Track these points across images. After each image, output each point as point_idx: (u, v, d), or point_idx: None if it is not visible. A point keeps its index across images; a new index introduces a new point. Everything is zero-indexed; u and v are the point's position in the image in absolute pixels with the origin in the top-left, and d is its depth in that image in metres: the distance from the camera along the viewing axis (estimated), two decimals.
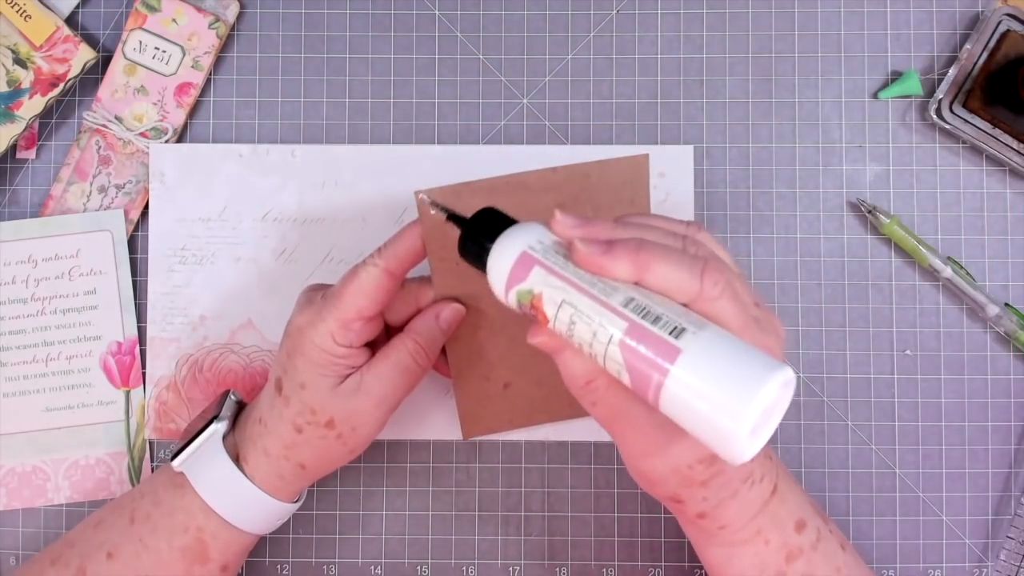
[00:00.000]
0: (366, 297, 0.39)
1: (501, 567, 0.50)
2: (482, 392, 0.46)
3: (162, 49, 0.51)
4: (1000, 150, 0.50)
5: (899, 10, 0.52)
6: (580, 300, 0.32)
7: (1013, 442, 0.51)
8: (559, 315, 0.33)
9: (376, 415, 0.41)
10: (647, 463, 0.35)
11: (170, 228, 0.51)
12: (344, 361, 0.40)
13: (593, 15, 0.52)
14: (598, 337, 0.31)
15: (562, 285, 0.33)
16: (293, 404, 0.41)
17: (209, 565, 0.42)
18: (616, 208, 0.42)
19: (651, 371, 0.30)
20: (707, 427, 0.29)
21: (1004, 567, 0.50)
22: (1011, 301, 0.51)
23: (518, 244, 0.34)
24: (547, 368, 0.45)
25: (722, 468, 0.34)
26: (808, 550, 0.39)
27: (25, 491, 0.50)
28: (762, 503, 0.37)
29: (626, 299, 0.32)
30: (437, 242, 0.41)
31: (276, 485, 0.42)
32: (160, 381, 0.51)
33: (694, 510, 0.36)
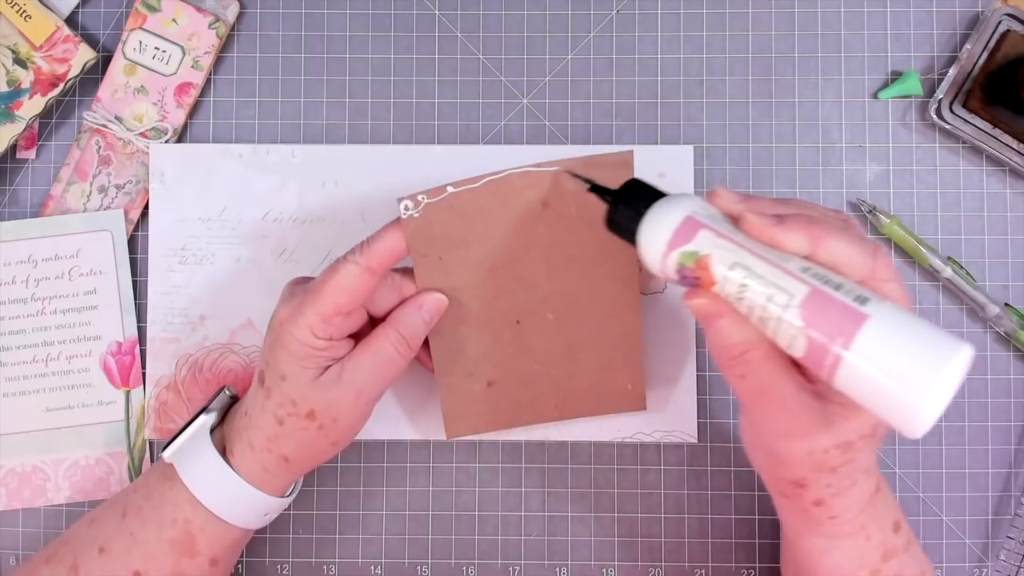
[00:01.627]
0: (345, 294, 0.39)
1: (501, 567, 0.50)
2: (466, 389, 0.46)
3: (162, 49, 0.51)
4: (1000, 150, 0.50)
5: (899, 10, 0.52)
6: (755, 263, 0.32)
7: (1013, 442, 0.51)
8: (729, 276, 0.32)
9: (356, 405, 0.41)
10: (785, 444, 0.34)
11: (170, 228, 0.51)
12: (324, 353, 0.40)
13: (593, 15, 0.52)
14: (774, 300, 0.31)
15: (734, 248, 0.32)
16: (274, 396, 0.41)
17: (198, 558, 0.42)
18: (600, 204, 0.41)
19: (834, 337, 0.29)
20: (890, 398, 0.29)
21: (1004, 567, 0.50)
22: (1011, 301, 0.51)
23: (681, 209, 0.34)
24: (532, 367, 0.45)
25: (854, 456, 0.34)
26: (901, 551, 0.39)
27: (25, 491, 0.50)
28: (869, 498, 0.38)
29: (803, 267, 0.31)
30: (421, 240, 0.41)
31: (261, 478, 0.42)
32: (160, 381, 0.51)
33: (813, 496, 0.36)
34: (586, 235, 0.42)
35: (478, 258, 0.42)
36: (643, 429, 0.50)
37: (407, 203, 0.40)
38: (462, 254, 0.42)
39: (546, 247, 0.43)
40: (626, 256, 0.43)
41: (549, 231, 0.42)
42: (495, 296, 0.44)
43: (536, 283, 0.44)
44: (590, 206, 0.41)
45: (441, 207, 0.41)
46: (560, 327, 0.45)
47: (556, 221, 0.42)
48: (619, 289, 0.44)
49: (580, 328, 0.45)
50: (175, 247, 0.51)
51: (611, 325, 0.45)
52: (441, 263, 0.42)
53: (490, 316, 0.44)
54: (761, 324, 0.32)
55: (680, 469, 0.51)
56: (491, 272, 0.43)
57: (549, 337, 0.45)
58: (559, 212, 0.42)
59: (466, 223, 0.41)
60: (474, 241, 0.42)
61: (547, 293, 0.44)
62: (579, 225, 0.42)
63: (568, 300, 0.44)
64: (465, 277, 0.43)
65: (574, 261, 0.43)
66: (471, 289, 0.43)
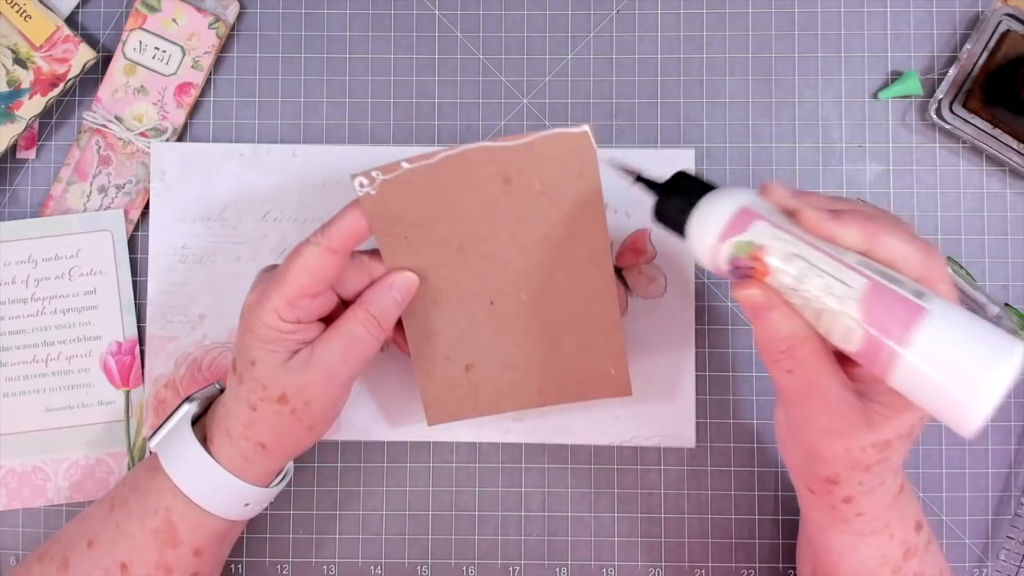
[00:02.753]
0: (308, 275, 0.39)
1: (501, 567, 0.50)
2: (444, 374, 0.45)
3: (162, 49, 0.51)
4: (1000, 150, 0.50)
5: (899, 10, 0.52)
6: (813, 255, 0.32)
7: (1013, 442, 0.51)
8: (786, 268, 0.32)
9: (328, 387, 0.41)
10: (824, 441, 0.35)
11: (170, 227, 0.51)
12: (293, 336, 0.40)
13: (593, 15, 0.52)
14: (832, 291, 0.31)
15: (791, 239, 0.32)
16: (246, 381, 0.41)
17: (180, 548, 0.42)
18: (565, 181, 0.41)
19: (892, 330, 0.30)
20: (946, 394, 0.29)
21: (1004, 567, 0.50)
22: (1011, 301, 0.51)
23: (735, 199, 0.34)
24: (510, 350, 0.45)
25: (889, 455, 0.35)
26: (922, 550, 0.40)
27: (25, 491, 0.50)
28: (893, 497, 0.38)
29: (859, 260, 0.31)
30: (382, 219, 0.41)
31: (241, 466, 0.42)
32: (159, 379, 0.51)
33: (844, 493, 0.36)
34: (552, 213, 0.42)
35: (445, 237, 0.42)
36: (641, 433, 0.50)
37: (361, 179, 0.40)
38: (427, 233, 0.42)
39: (513, 225, 0.42)
40: (597, 235, 0.42)
41: (514, 208, 0.41)
42: (466, 276, 0.43)
43: (507, 261, 0.43)
44: (554, 182, 0.41)
45: (398, 184, 0.40)
46: (535, 308, 0.44)
47: (520, 198, 0.41)
48: (592, 269, 0.43)
49: (556, 309, 0.44)
50: (175, 246, 0.51)
51: (587, 306, 0.44)
52: (407, 243, 0.42)
53: (463, 297, 0.44)
54: (815, 317, 0.32)
55: (680, 469, 0.51)
56: (460, 251, 0.42)
57: (525, 318, 0.44)
58: (522, 189, 0.41)
59: (427, 201, 0.41)
60: (438, 219, 0.41)
61: (519, 272, 0.43)
62: (544, 202, 0.41)
63: (541, 280, 0.43)
64: (433, 257, 0.42)
65: (544, 239, 0.42)
66: (441, 269, 0.43)
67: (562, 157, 0.40)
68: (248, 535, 0.51)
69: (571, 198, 0.41)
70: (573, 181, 0.41)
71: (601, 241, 0.42)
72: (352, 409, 0.50)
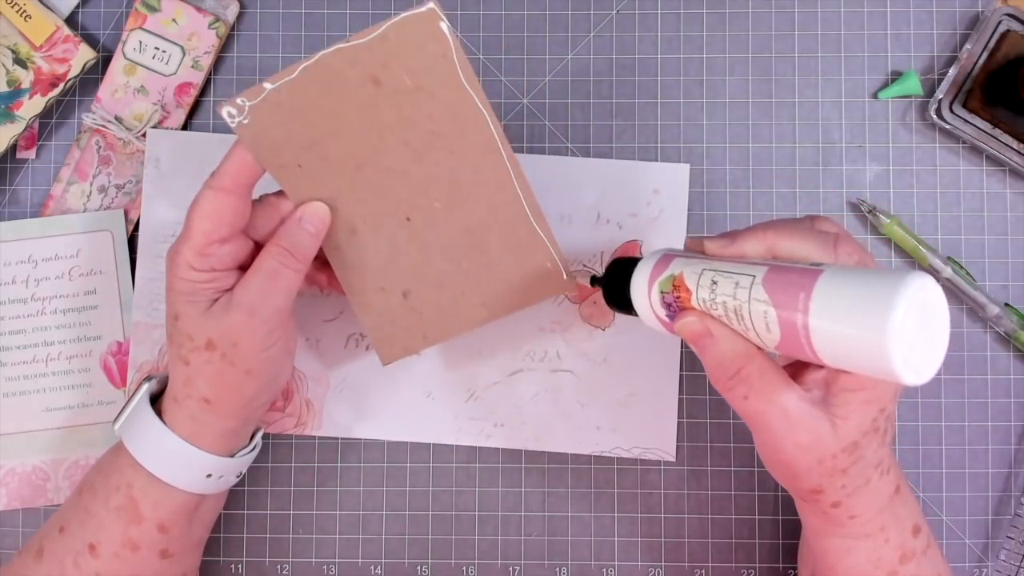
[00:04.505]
0: (207, 219, 0.39)
1: (501, 567, 0.50)
2: (383, 306, 0.44)
3: (162, 49, 0.51)
4: (1000, 150, 0.50)
5: (899, 10, 0.52)
6: (719, 265, 0.34)
7: (1013, 442, 0.51)
8: (701, 282, 0.35)
9: (252, 325, 0.40)
10: (796, 457, 0.35)
11: (162, 214, 0.51)
12: (211, 285, 0.40)
13: (593, 15, 0.52)
14: (740, 285, 0.33)
15: (702, 260, 0.36)
16: (174, 338, 0.41)
17: (144, 524, 0.41)
18: (432, 67, 0.39)
19: (796, 296, 0.30)
20: (862, 347, 0.29)
21: (1004, 567, 0.50)
22: (1011, 301, 0.51)
23: (657, 254, 0.38)
24: (441, 266, 0.43)
25: (862, 454, 0.35)
26: (919, 554, 0.40)
27: (25, 491, 0.50)
28: (888, 497, 0.38)
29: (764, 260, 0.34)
30: (267, 151, 0.40)
31: (192, 429, 0.41)
32: (143, 366, 0.50)
33: (831, 499, 0.37)
34: (432, 106, 0.40)
35: (338, 158, 0.41)
36: (621, 444, 0.50)
37: (229, 109, 0.39)
38: (320, 157, 0.40)
39: (398, 130, 0.40)
40: (478, 120, 0.40)
41: (393, 111, 0.40)
42: (374, 196, 0.42)
43: (407, 171, 0.41)
44: (422, 72, 0.39)
45: (268, 108, 0.39)
46: (451, 214, 0.42)
47: (395, 98, 0.40)
48: (488, 158, 0.41)
49: (471, 211, 0.42)
50: (166, 234, 0.51)
51: (498, 201, 0.42)
52: (303, 172, 0.41)
53: (378, 219, 0.42)
54: (737, 318, 0.33)
55: (680, 469, 0.51)
56: (359, 170, 0.41)
57: (444, 228, 0.43)
58: (394, 88, 0.39)
59: (306, 121, 0.40)
60: (324, 139, 0.40)
61: (423, 179, 0.42)
62: (421, 96, 0.40)
63: (446, 182, 0.42)
64: (334, 182, 0.41)
65: (434, 136, 0.41)
66: (347, 194, 0.42)
67: (420, 43, 0.39)
68: (248, 535, 0.51)
69: (443, 85, 0.40)
70: (439, 66, 0.39)
71: (483, 127, 0.41)
72: (335, 406, 0.50)
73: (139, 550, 0.42)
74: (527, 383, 0.50)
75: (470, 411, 0.50)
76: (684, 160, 0.51)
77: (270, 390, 0.43)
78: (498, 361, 0.50)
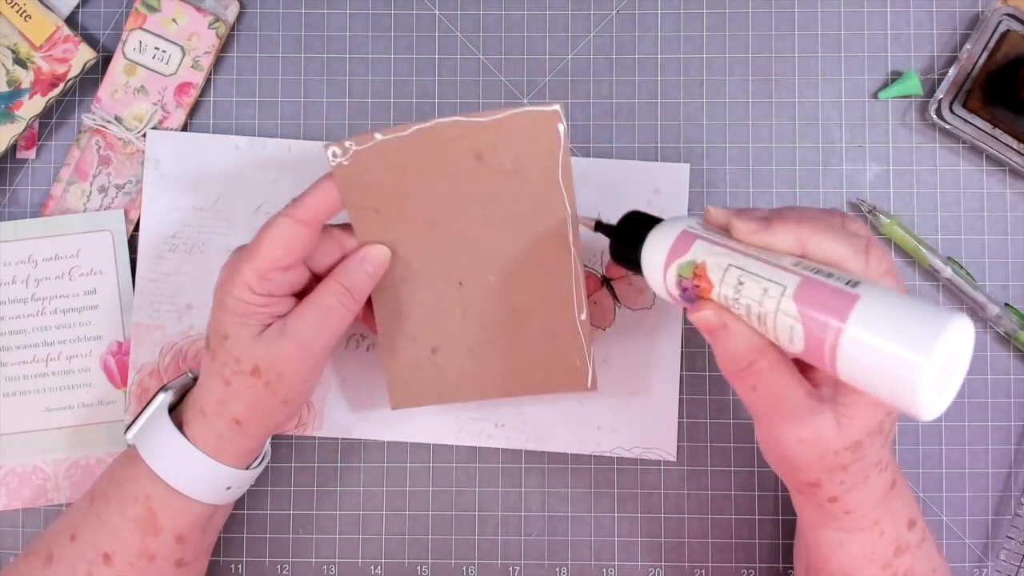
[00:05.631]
0: (280, 248, 0.39)
1: (501, 567, 0.50)
2: (410, 355, 0.45)
3: (162, 49, 0.51)
4: (1000, 150, 0.50)
5: (899, 10, 0.52)
6: (748, 262, 0.33)
7: (1013, 442, 0.51)
8: (725, 279, 0.33)
9: (301, 359, 0.40)
10: (798, 451, 0.35)
11: (162, 215, 0.51)
12: (265, 310, 0.40)
13: (593, 15, 0.52)
14: (769, 293, 0.32)
15: (728, 252, 0.34)
16: (219, 356, 0.41)
17: (162, 535, 0.41)
18: (536, 158, 0.41)
19: (828, 320, 0.30)
20: (887, 378, 0.28)
21: (1004, 567, 0.50)
22: (1011, 301, 0.51)
23: (677, 225, 0.36)
24: (476, 334, 0.44)
25: (864, 453, 0.35)
26: (914, 547, 0.40)
27: (25, 491, 0.50)
28: (884, 492, 0.38)
29: (795, 261, 0.32)
30: (354, 191, 0.41)
31: (216, 446, 0.41)
32: (144, 367, 0.51)
33: (828, 494, 0.37)
34: (522, 191, 0.41)
35: (416, 212, 0.42)
36: (622, 444, 0.50)
37: (335, 149, 0.40)
38: (399, 207, 0.42)
39: (483, 203, 0.42)
40: (559, 217, 0.42)
41: (485, 186, 0.41)
42: (436, 254, 0.43)
43: (476, 240, 0.43)
44: (524, 160, 0.41)
45: (371, 155, 0.40)
46: (502, 291, 0.44)
47: (491, 176, 0.41)
48: (556, 252, 0.43)
49: (522, 293, 0.43)
50: (166, 234, 0.51)
51: (552, 291, 0.43)
52: (378, 216, 0.42)
53: (432, 275, 0.43)
54: (760, 323, 0.33)
55: (680, 469, 0.51)
56: (429, 227, 0.42)
57: (491, 301, 0.44)
58: (494, 167, 0.41)
59: (399, 174, 0.41)
60: (409, 194, 0.41)
61: (487, 252, 0.43)
62: (515, 181, 0.41)
63: (508, 261, 0.43)
64: (404, 232, 0.42)
65: (512, 219, 0.42)
66: (411, 245, 0.43)
67: (533, 135, 0.40)
68: (248, 535, 0.51)
69: (539, 176, 0.41)
70: (543, 160, 0.41)
71: (562, 223, 0.42)
72: (335, 406, 0.50)
73: (155, 560, 0.42)
74: None
75: (471, 411, 0.50)
76: (684, 160, 0.51)
77: (296, 415, 0.44)
78: None
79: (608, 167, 0.51)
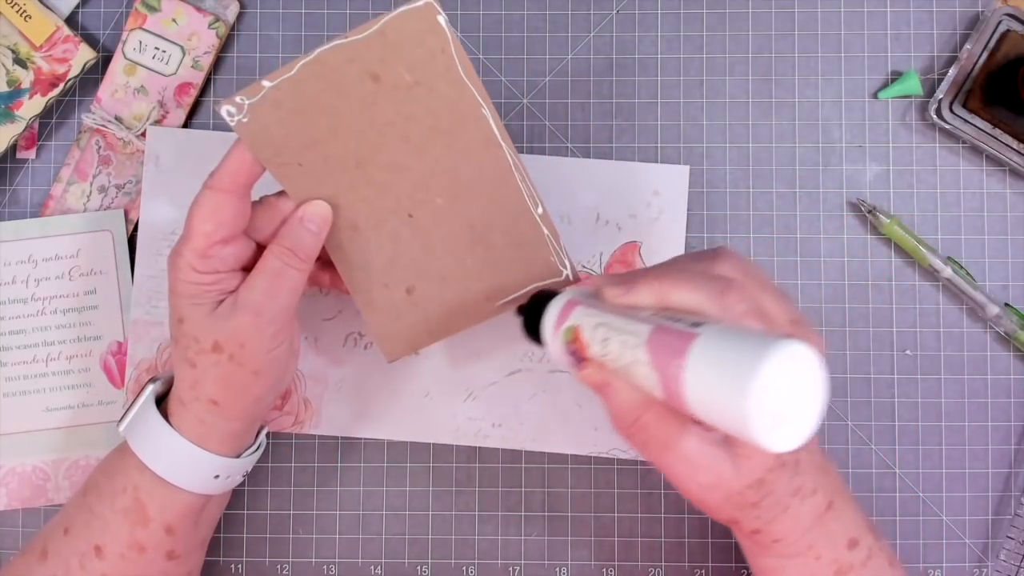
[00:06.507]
0: (209, 222, 0.39)
1: (501, 567, 0.50)
2: (387, 303, 0.44)
3: (162, 49, 0.51)
4: (1000, 150, 0.50)
5: (899, 10, 0.52)
6: (612, 319, 0.34)
7: (1013, 442, 0.51)
8: (595, 337, 0.35)
9: (258, 325, 0.40)
10: (702, 495, 0.35)
11: (161, 212, 0.51)
12: (215, 287, 0.40)
13: (593, 15, 0.52)
14: (628, 344, 0.32)
15: (598, 312, 0.35)
16: (180, 341, 0.41)
17: (151, 526, 0.41)
18: (431, 61, 0.39)
19: (671, 361, 0.30)
20: (727, 411, 0.28)
21: (1004, 567, 0.50)
22: (1011, 301, 0.51)
23: (565, 296, 0.38)
24: (444, 261, 0.43)
25: (772, 488, 0.35)
26: (858, 567, 0.39)
27: (25, 491, 0.50)
28: (815, 517, 0.37)
29: (654, 311, 0.33)
30: (268, 149, 0.39)
31: (200, 431, 0.41)
32: (141, 363, 0.50)
33: (748, 528, 0.37)
34: (432, 100, 0.40)
35: (338, 155, 0.40)
36: (619, 445, 0.50)
37: (227, 108, 0.39)
38: (320, 155, 0.40)
39: (399, 125, 0.40)
40: (477, 114, 0.40)
41: (393, 107, 0.40)
42: (375, 193, 0.41)
43: (408, 166, 0.41)
44: (421, 67, 0.39)
45: (268, 106, 0.39)
46: (453, 209, 0.42)
47: (395, 93, 0.39)
48: (488, 151, 0.41)
49: (473, 205, 0.42)
50: (165, 231, 0.51)
51: (500, 194, 0.42)
52: (303, 170, 0.40)
53: (380, 216, 0.42)
54: (628, 375, 0.33)
55: None
56: (359, 168, 0.41)
57: (447, 223, 0.42)
58: (394, 83, 0.39)
59: (305, 119, 0.39)
60: (324, 138, 0.40)
61: (424, 176, 0.41)
62: (420, 92, 0.40)
63: (447, 178, 0.42)
64: (336, 180, 0.41)
65: (434, 132, 0.40)
66: (347, 192, 0.41)
67: (419, 38, 0.39)
68: (248, 535, 0.51)
69: (442, 80, 0.40)
70: (438, 60, 0.39)
71: (483, 120, 0.40)
72: (333, 405, 0.50)
73: (145, 552, 0.42)
74: (525, 383, 0.50)
75: (468, 411, 0.50)
76: (684, 160, 0.51)
77: (276, 389, 0.43)
78: (496, 361, 0.50)
79: (608, 168, 0.51)
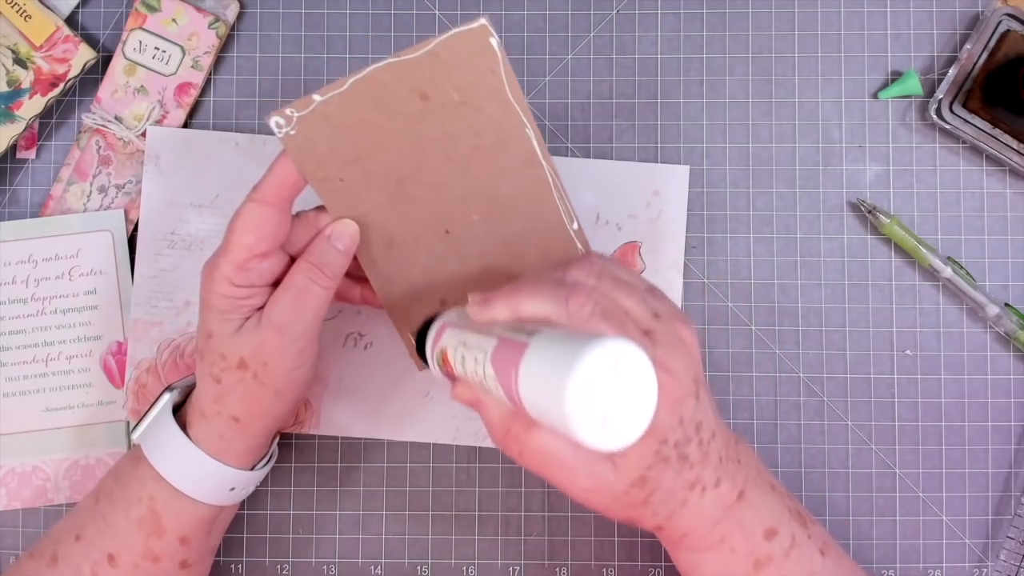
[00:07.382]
0: (251, 234, 0.39)
1: (501, 567, 0.50)
2: (421, 315, 0.44)
3: (162, 49, 0.51)
4: (1000, 150, 0.50)
5: (899, 10, 0.52)
6: (470, 338, 0.34)
7: (1013, 442, 0.51)
8: (456, 357, 0.35)
9: (283, 344, 0.40)
10: (587, 498, 0.35)
11: (161, 212, 0.51)
12: (248, 302, 0.40)
13: (593, 15, 0.52)
14: (479, 361, 0.33)
15: (461, 333, 0.36)
16: (206, 356, 0.41)
17: (165, 537, 0.41)
18: (479, 81, 0.39)
19: (509, 372, 0.30)
20: (555, 417, 0.28)
21: (1004, 567, 0.50)
22: (1011, 301, 0.51)
23: (441, 320, 0.39)
24: (479, 276, 0.43)
25: (657, 484, 0.34)
26: (780, 557, 0.38)
27: (25, 491, 0.50)
28: (724, 509, 0.37)
29: (505, 326, 0.33)
30: (312, 163, 0.40)
31: (219, 446, 0.41)
32: (141, 363, 0.51)
33: (649, 525, 0.36)
34: (476, 120, 0.40)
35: (380, 172, 0.41)
36: None
37: (277, 120, 0.39)
38: (362, 171, 0.40)
39: (442, 144, 0.40)
40: (520, 134, 0.41)
41: (438, 125, 0.40)
42: (413, 209, 0.42)
43: (448, 184, 0.41)
44: (468, 88, 0.39)
45: (316, 120, 0.39)
46: (489, 226, 0.42)
47: (441, 113, 0.40)
48: (527, 171, 0.42)
49: (508, 222, 0.42)
50: (165, 231, 0.51)
51: (538, 210, 0.42)
52: (344, 185, 0.40)
53: (417, 232, 0.42)
54: (486, 391, 0.34)
55: None
56: (400, 185, 0.41)
57: (483, 239, 0.43)
58: (441, 102, 0.40)
59: (351, 135, 0.39)
60: (368, 154, 0.40)
61: (463, 193, 0.42)
62: (466, 111, 0.40)
63: (486, 195, 0.42)
64: (375, 196, 0.41)
65: (476, 151, 0.41)
66: (386, 209, 0.41)
67: (469, 59, 0.39)
68: (248, 535, 0.51)
69: (489, 100, 0.40)
70: (487, 81, 0.39)
71: (525, 139, 0.41)
72: (333, 405, 0.50)
73: (159, 561, 0.42)
74: None
75: (468, 411, 0.50)
76: (684, 160, 0.51)
77: (295, 407, 0.44)
78: None
79: (608, 168, 0.51)
